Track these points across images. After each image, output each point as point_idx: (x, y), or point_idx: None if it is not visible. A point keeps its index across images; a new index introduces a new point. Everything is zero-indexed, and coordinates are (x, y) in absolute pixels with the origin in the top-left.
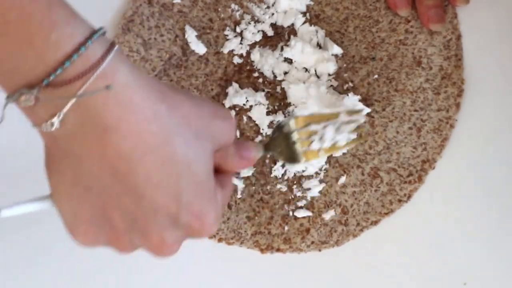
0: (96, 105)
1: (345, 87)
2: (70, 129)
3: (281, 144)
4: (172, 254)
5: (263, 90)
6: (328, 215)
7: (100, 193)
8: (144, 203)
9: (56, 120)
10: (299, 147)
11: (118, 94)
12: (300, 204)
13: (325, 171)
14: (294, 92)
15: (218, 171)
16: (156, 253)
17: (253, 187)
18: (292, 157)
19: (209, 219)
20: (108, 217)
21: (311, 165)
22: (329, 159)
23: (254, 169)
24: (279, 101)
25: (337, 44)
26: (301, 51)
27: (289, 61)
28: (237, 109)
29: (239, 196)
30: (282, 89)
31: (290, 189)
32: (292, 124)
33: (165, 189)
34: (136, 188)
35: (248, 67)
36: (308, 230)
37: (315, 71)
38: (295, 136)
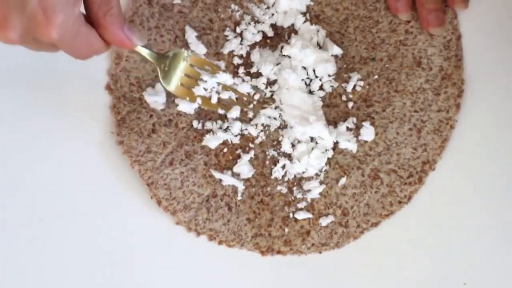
0: None
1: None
2: None
3: (168, 64)
4: (10, 39)
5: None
6: (327, 221)
7: None
8: None
9: None
10: (177, 76)
11: None
12: (300, 206)
13: (325, 172)
14: (286, 98)
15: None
16: None
17: (253, 189)
18: (167, 80)
19: (56, 18)
20: None
21: (311, 166)
22: (329, 160)
23: (254, 170)
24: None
25: (337, 45)
26: (300, 50)
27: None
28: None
29: (239, 198)
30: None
31: (290, 190)
32: (188, 55)
33: None
34: None
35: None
36: (308, 232)
37: (314, 71)
38: (182, 67)
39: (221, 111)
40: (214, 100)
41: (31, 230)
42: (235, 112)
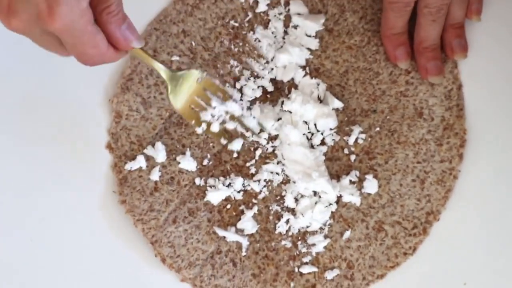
0: None
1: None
2: None
3: (180, 80)
4: (14, 26)
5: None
6: (333, 274)
7: None
8: None
9: None
10: (186, 96)
11: None
12: (305, 260)
13: (329, 226)
14: (288, 154)
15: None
16: (1, 17)
17: (258, 244)
18: (175, 97)
19: (59, 8)
20: None
21: (315, 220)
22: (333, 214)
23: (258, 226)
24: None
25: (338, 98)
26: (301, 105)
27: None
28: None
29: (243, 253)
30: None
31: (294, 245)
32: (202, 78)
33: None
34: None
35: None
36: (314, 286)
37: (315, 125)
38: (193, 87)
39: (223, 141)
40: (215, 129)
41: (31, 230)
42: (236, 145)
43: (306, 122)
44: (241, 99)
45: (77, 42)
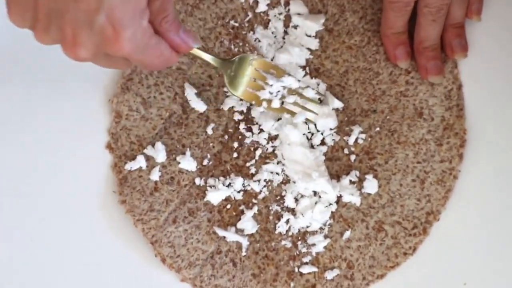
0: None
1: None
2: None
3: (234, 68)
4: (81, 57)
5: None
6: (333, 274)
7: None
8: None
9: None
10: (244, 81)
11: None
12: (305, 260)
13: (329, 226)
14: (288, 154)
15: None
16: (67, 50)
17: (258, 244)
18: (233, 85)
19: (125, 33)
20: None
21: (315, 220)
22: (333, 214)
23: (258, 226)
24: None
25: (338, 98)
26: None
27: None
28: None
29: (243, 253)
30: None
31: (295, 245)
32: (253, 59)
33: None
34: None
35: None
36: (314, 286)
37: (315, 125)
38: (248, 70)
39: (286, 115)
40: (276, 104)
41: (31, 230)
42: (301, 117)
43: (306, 122)
44: (241, 99)
45: (143, 56)
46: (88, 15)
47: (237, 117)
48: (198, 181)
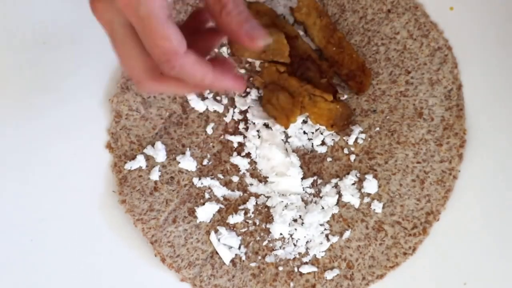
0: None
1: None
2: None
3: None
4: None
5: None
6: (332, 274)
7: None
8: None
9: None
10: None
11: None
12: (305, 260)
13: (329, 226)
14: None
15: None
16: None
17: (258, 244)
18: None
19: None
20: None
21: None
22: (333, 214)
23: (258, 225)
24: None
25: None
26: None
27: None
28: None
29: (243, 258)
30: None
31: (294, 245)
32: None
33: None
34: None
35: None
36: (314, 286)
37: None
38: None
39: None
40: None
41: (31, 230)
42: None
43: (306, 122)
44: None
45: (148, 31)
46: None
47: (237, 116)
48: (197, 181)
